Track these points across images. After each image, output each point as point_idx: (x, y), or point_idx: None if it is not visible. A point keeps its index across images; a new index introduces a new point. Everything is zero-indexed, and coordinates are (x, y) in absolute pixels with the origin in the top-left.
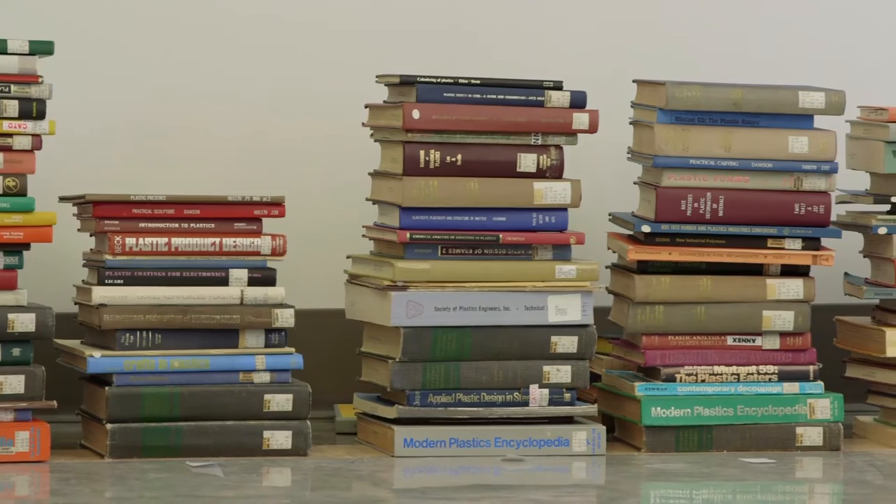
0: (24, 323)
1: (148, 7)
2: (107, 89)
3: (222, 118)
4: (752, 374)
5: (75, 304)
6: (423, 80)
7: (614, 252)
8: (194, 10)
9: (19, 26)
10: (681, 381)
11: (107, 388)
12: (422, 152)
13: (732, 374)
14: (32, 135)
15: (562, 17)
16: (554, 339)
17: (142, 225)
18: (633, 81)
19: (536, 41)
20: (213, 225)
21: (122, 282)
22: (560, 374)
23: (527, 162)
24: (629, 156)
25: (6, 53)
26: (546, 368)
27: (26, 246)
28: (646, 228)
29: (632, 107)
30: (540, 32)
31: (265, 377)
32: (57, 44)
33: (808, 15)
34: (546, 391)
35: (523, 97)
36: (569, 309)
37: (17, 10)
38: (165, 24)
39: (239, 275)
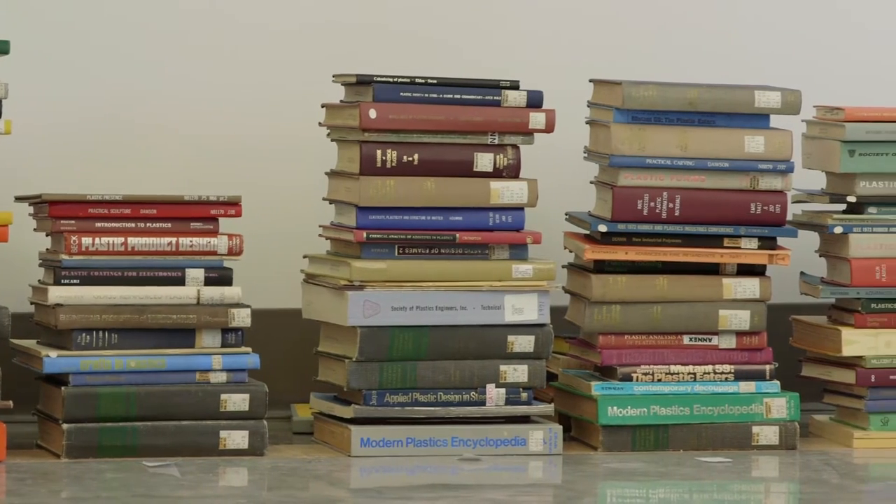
0: None
1: (105, 6)
2: (63, 88)
3: (179, 118)
4: (709, 373)
5: (31, 303)
6: (379, 79)
7: (571, 251)
8: (151, 9)
9: None
10: (637, 380)
11: (63, 388)
12: (378, 152)
13: (689, 373)
14: None
15: (518, 17)
16: (511, 338)
17: (98, 225)
18: (590, 81)
19: (493, 41)
20: (169, 224)
21: (78, 282)
22: (517, 373)
23: (483, 161)
24: (586, 155)
25: None
26: (503, 368)
27: None
28: (602, 228)
29: (588, 106)
30: (496, 32)
31: (222, 377)
32: (13, 42)
33: (764, 14)
34: (503, 391)
35: (480, 97)
36: (525, 308)
37: None
38: (123, 24)
39: (195, 274)
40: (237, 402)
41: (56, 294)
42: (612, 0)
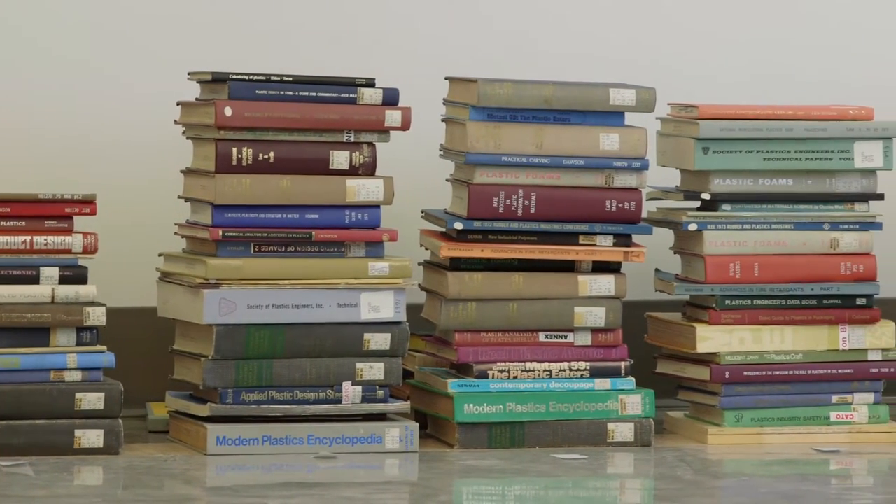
0: None
1: None
2: None
3: (33, 115)
4: (564, 370)
5: None
6: (235, 77)
7: (427, 249)
8: (4, 6)
9: None
10: (493, 377)
11: None
12: (234, 150)
13: (544, 370)
14: None
15: (374, 15)
16: (367, 336)
17: None
18: (446, 79)
19: (349, 39)
20: (23, 223)
21: None
22: (373, 371)
23: (339, 159)
24: (441, 153)
25: None
26: (359, 366)
27: None
28: (458, 225)
29: (444, 104)
30: (351, 30)
31: (76, 376)
32: None
33: (618, 13)
34: (359, 388)
35: (335, 94)
36: (381, 306)
37: None
38: None
39: (50, 273)
40: (92, 400)
41: None
42: None
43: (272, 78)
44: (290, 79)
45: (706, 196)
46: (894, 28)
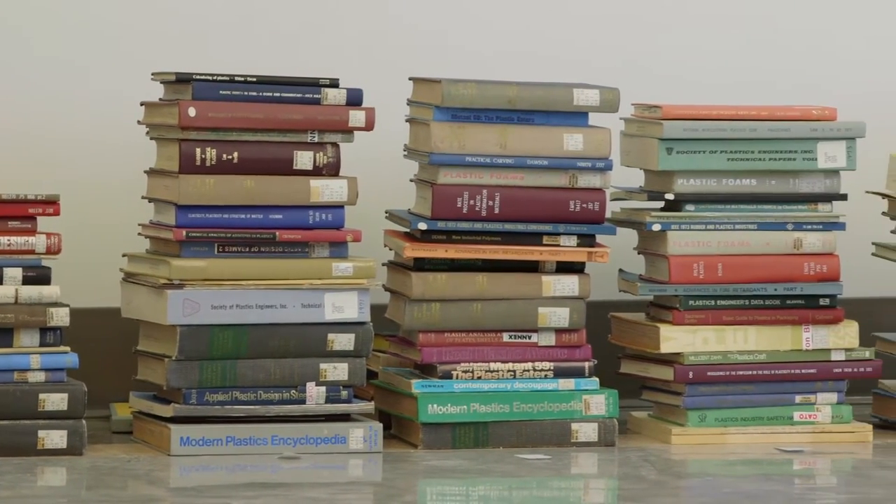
0: None
1: None
2: None
3: None
4: (528, 370)
5: None
6: (199, 77)
7: (391, 249)
8: None
9: None
10: (457, 377)
11: None
12: (198, 150)
13: (508, 370)
14: None
15: (339, 16)
16: (331, 336)
17: None
18: (410, 79)
19: (313, 40)
20: None
21: None
22: (337, 371)
23: (303, 159)
24: (406, 153)
25: None
26: (323, 366)
27: None
28: (422, 226)
29: (408, 104)
30: (316, 31)
31: (40, 376)
32: None
33: (584, 13)
34: (323, 389)
35: (299, 95)
36: (345, 306)
37: None
38: None
39: (13, 273)
40: (56, 401)
41: None
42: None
43: (236, 78)
44: (254, 79)
45: (670, 196)
46: (858, 30)
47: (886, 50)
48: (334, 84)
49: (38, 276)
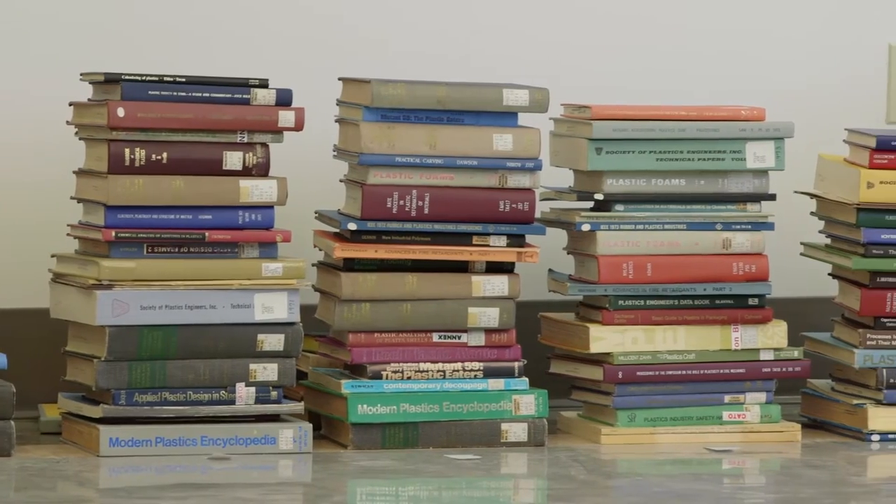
0: None
1: None
2: None
3: None
4: (458, 370)
5: None
6: (127, 77)
7: (321, 250)
8: None
9: None
10: (387, 378)
11: None
12: (127, 150)
13: (438, 370)
14: None
15: (267, 16)
16: (260, 337)
17: None
18: (339, 79)
19: (242, 40)
20: None
21: None
22: (266, 372)
23: (233, 160)
24: (335, 154)
25: None
26: (252, 367)
27: None
28: (352, 226)
29: (337, 105)
30: (245, 31)
31: None
32: None
33: (510, 15)
34: (252, 389)
35: (229, 95)
36: (275, 307)
37: None
38: None
39: None
40: None
41: None
42: (362, 0)
43: (165, 78)
44: (184, 79)
45: (599, 196)
46: (786, 31)
47: (815, 49)
48: (264, 84)
49: None
